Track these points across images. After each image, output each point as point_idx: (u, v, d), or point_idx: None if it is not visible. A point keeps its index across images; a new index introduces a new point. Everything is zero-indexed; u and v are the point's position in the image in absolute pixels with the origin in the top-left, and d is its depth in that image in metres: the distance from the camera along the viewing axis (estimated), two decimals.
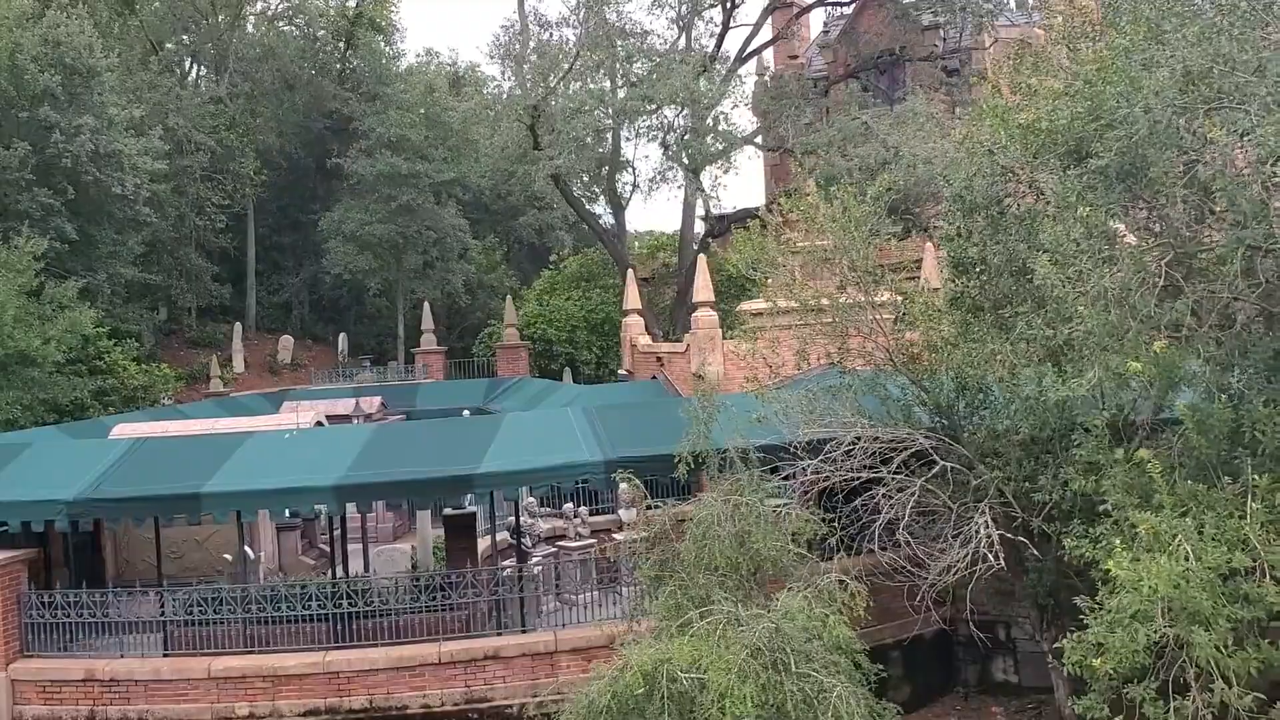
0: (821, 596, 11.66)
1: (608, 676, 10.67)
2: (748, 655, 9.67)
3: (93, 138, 32.81)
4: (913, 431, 16.27)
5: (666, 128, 35.46)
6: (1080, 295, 11.45)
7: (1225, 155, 10.44)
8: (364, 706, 17.70)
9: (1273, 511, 10.76)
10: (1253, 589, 10.09)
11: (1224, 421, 11.37)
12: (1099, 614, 10.65)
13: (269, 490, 17.69)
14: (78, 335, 29.25)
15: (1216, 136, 10.36)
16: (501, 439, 18.83)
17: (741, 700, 9.33)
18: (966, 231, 15.07)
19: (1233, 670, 9.91)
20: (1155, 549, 10.36)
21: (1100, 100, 12.21)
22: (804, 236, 18.28)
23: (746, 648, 9.77)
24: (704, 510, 13.34)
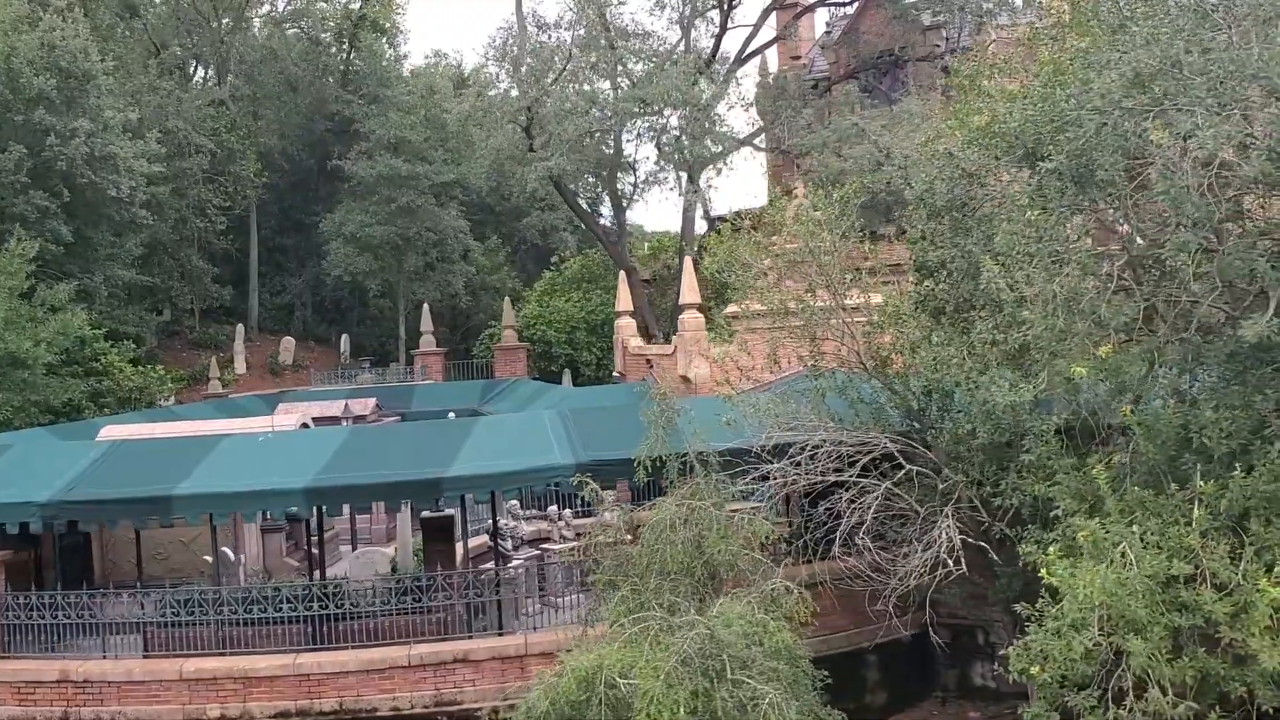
0: (765, 602, 11.59)
1: (546, 682, 10.66)
2: (677, 662, 9.64)
3: (87, 141, 33.03)
4: (879, 435, 16.20)
5: (661, 129, 35.43)
6: (1023, 299, 11.36)
7: (1168, 158, 10.33)
8: (334, 709, 17.73)
9: (1217, 518, 10.66)
10: (1191, 597, 9.98)
11: (1173, 427, 11.27)
12: (1042, 621, 10.58)
13: (240, 493, 17.73)
14: (70, 337, 29.42)
15: (1158, 139, 10.25)
16: (473, 442, 18.84)
17: (671, 707, 9.29)
18: (929, 234, 14.99)
19: (1169, 679, 9.81)
20: (1094, 556, 10.28)
21: (1052, 102, 12.12)
22: (775, 240, 18.25)
23: (676, 654, 9.73)
24: (659, 515, 13.30)
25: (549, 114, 32.57)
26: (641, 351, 31.19)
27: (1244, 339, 10.22)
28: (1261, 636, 9.52)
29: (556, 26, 39.68)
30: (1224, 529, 10.69)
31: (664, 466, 14.80)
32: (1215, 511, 10.65)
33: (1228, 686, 9.88)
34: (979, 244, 13.06)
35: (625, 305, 33.91)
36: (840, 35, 49.27)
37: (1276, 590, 9.56)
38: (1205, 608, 9.82)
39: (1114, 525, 10.64)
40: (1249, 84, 10.42)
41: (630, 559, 12.92)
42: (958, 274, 14.50)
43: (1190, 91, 10.54)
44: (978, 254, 12.87)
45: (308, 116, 53.87)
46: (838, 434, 15.92)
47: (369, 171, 46.97)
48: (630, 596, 12.63)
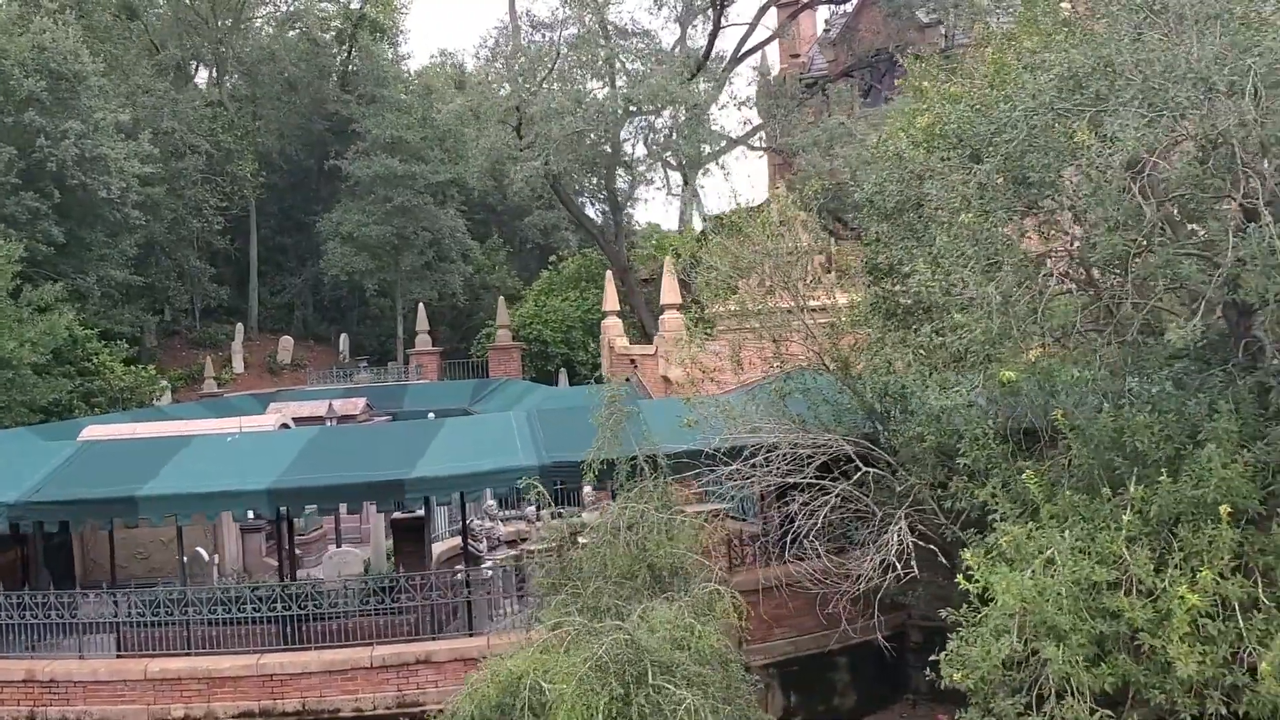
0: (699, 606, 11.55)
1: (472, 687, 10.66)
2: (592, 667, 9.61)
3: (77, 142, 33.21)
4: (836, 437, 16.15)
5: (650, 129, 35.40)
6: (952, 302, 11.29)
7: (1094, 160, 10.22)
8: (297, 710, 17.78)
9: (1148, 524, 10.57)
10: (1114, 603, 9.90)
11: (1106, 431, 11.18)
12: (965, 628, 10.52)
13: (203, 494, 17.81)
14: (57, 338, 29.59)
15: (1083, 140, 10.16)
16: (439, 444, 18.86)
17: (585, 712, 9.27)
18: (880, 236, 14.91)
19: (1089, 686, 9.72)
20: (1017, 562, 10.21)
21: (989, 103, 12.04)
22: (754, 241, 18.17)
23: (591, 660, 9.71)
24: (603, 518, 13.28)
25: (536, 113, 32.53)
26: (626, 352, 31.17)
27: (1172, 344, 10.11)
28: (1180, 644, 9.42)
29: (550, 26, 39.67)
30: (1155, 534, 10.60)
31: (612, 470, 14.76)
32: (1146, 517, 10.56)
33: (1148, 694, 9.79)
34: (921, 247, 12.98)
35: (612, 305, 33.88)
36: (839, 33, 49.10)
37: (1196, 597, 9.47)
38: (1127, 614, 9.73)
39: (1039, 531, 10.56)
40: (1180, 85, 10.31)
41: (571, 563, 12.89)
42: (905, 277, 14.41)
43: (1119, 93, 10.44)
44: (919, 257, 12.78)
45: (307, 116, 54.05)
46: (793, 435, 15.87)
47: (365, 171, 47.09)
48: (570, 600, 12.59)
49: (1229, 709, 9.60)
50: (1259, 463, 10.80)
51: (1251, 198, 10.23)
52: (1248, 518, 10.68)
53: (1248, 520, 10.70)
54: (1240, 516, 10.67)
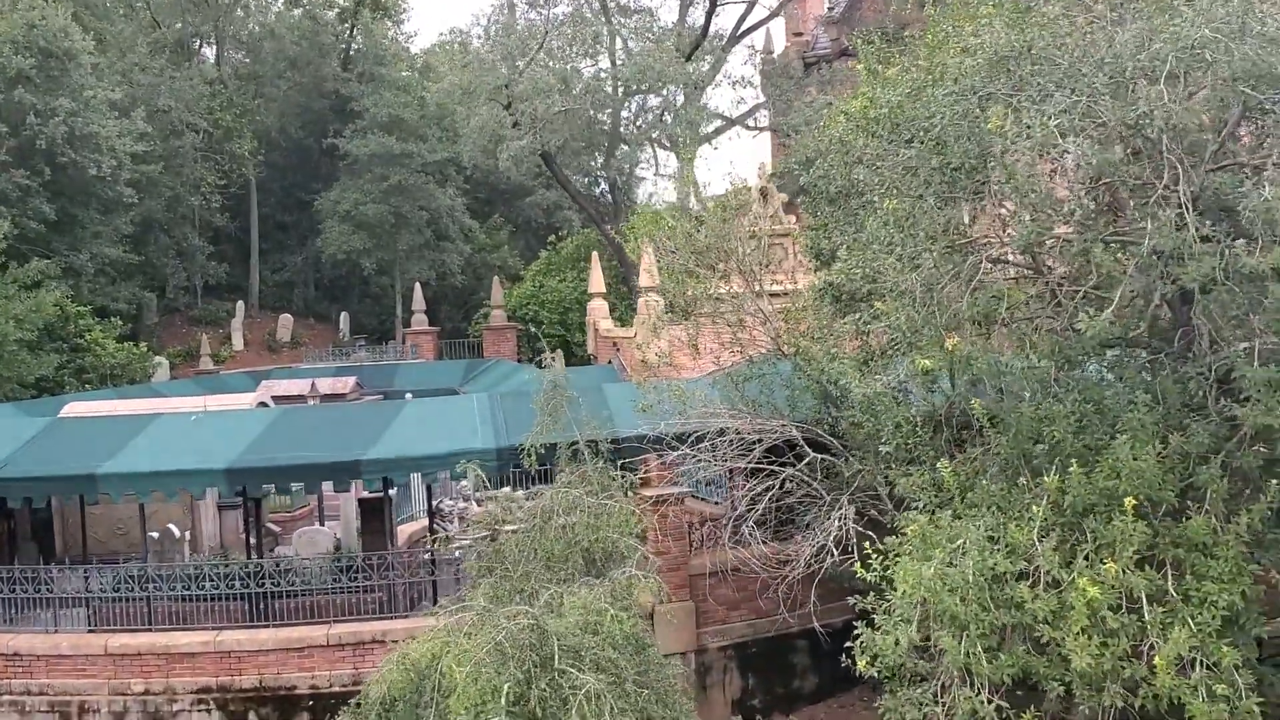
0: (619, 590, 11.56)
1: (383, 670, 10.73)
2: (490, 651, 9.65)
3: (67, 120, 33.36)
4: (784, 422, 16.11)
5: (641, 109, 35.27)
6: (876, 290, 11.21)
7: (1008, 146, 10.11)
8: (254, 686, 17.96)
9: (1060, 514, 10.50)
10: (1017, 594, 9.84)
11: (1026, 420, 11.09)
12: (873, 616, 10.50)
13: (162, 472, 17.95)
14: (43, 314, 29.83)
15: (994, 126, 10.04)
16: (398, 425, 18.94)
17: (482, 696, 9.31)
18: (825, 222, 14.82)
19: (987, 675, 9.70)
20: (923, 552, 10.17)
21: (920, 86, 11.91)
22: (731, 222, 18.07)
23: (489, 643, 9.74)
24: (537, 502, 13.31)
25: (523, 92, 32.46)
26: (609, 334, 31.15)
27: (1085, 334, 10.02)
28: (1079, 637, 9.37)
29: (544, 3, 39.54)
30: (1069, 525, 10.53)
31: (550, 454, 14.80)
32: (1059, 508, 10.49)
33: (1048, 686, 9.75)
34: (855, 234, 12.89)
35: (598, 287, 33.85)
36: (842, 11, 48.71)
37: (1096, 590, 9.40)
38: (1028, 606, 9.68)
39: (952, 520, 10.51)
40: (1098, 70, 10.18)
41: (502, 547, 12.93)
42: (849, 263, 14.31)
43: (1037, 78, 10.31)
44: (843, 244, 12.70)
45: (307, 95, 54.09)
46: (740, 421, 15.82)
47: (363, 150, 47.13)
48: (499, 584, 12.64)
49: (1127, 702, 9.55)
50: (1180, 454, 10.71)
51: (1172, 185, 10.10)
52: (1166, 510, 10.59)
53: (1166, 512, 10.62)
54: (1159, 508, 10.59)
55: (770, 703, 19.59)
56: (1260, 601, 10.25)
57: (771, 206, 22.93)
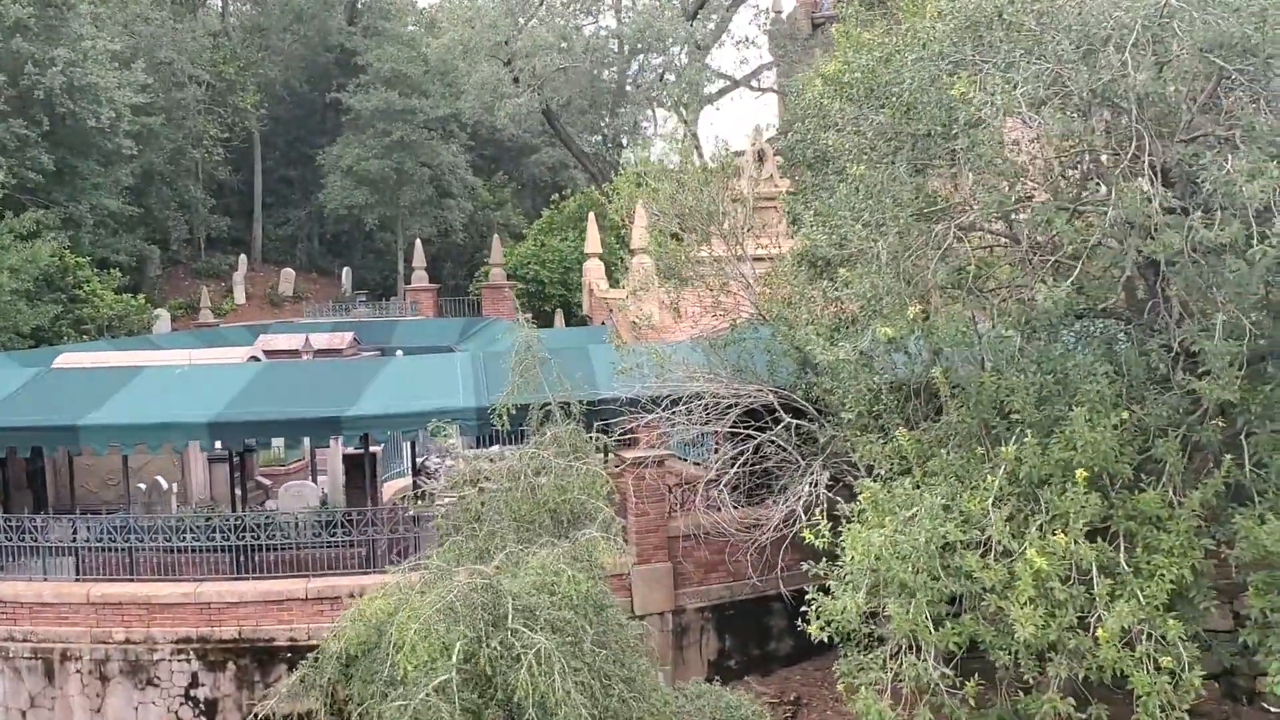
0: (579, 551, 11.62)
1: (338, 625, 10.84)
2: (439, 609, 9.73)
3: (65, 70, 33.23)
4: (761, 387, 16.10)
5: (641, 68, 34.97)
6: (841, 257, 11.15)
7: (972, 114, 9.99)
8: (233, 637, 18.15)
9: (1016, 484, 10.49)
10: (966, 563, 9.86)
11: (986, 390, 11.07)
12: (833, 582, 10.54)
13: (144, 425, 18.06)
14: (38, 265, 29.90)
15: (959, 93, 9.92)
16: (380, 382, 19.00)
17: (431, 653, 9.40)
18: (803, 187, 14.72)
19: (934, 643, 9.75)
20: (876, 519, 10.19)
21: (891, 51, 11.78)
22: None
23: (439, 602, 9.82)
24: (504, 463, 13.36)
25: (522, 49, 32.20)
26: (604, 296, 31.11)
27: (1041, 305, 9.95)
28: (1024, 607, 9.39)
29: None
30: (1024, 495, 10.53)
31: (520, 415, 14.84)
32: (1015, 478, 10.49)
33: (994, 655, 9.80)
34: (826, 200, 12.80)
35: (594, 248, 33.74)
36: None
37: (1043, 561, 9.41)
38: (976, 575, 9.70)
39: (901, 488, 10.52)
40: (1064, 36, 10.03)
41: (469, 507, 13.00)
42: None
43: (1004, 44, 10.18)
44: (818, 208, 12.62)
45: (313, 48, 53.77)
46: (715, 385, 15.82)
47: (365, 105, 46.91)
48: (465, 542, 12.72)
49: (1072, 673, 9.58)
50: (1139, 427, 10.68)
51: (1139, 155, 10.00)
52: (1124, 482, 10.58)
53: (1125, 485, 10.61)
54: (1117, 480, 10.58)
55: (746, 664, 19.73)
56: (1211, 576, 10.25)
57: (767, 169, 22.76)
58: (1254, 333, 10.19)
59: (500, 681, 9.96)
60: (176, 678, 18.11)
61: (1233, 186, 8.97)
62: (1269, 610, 9.48)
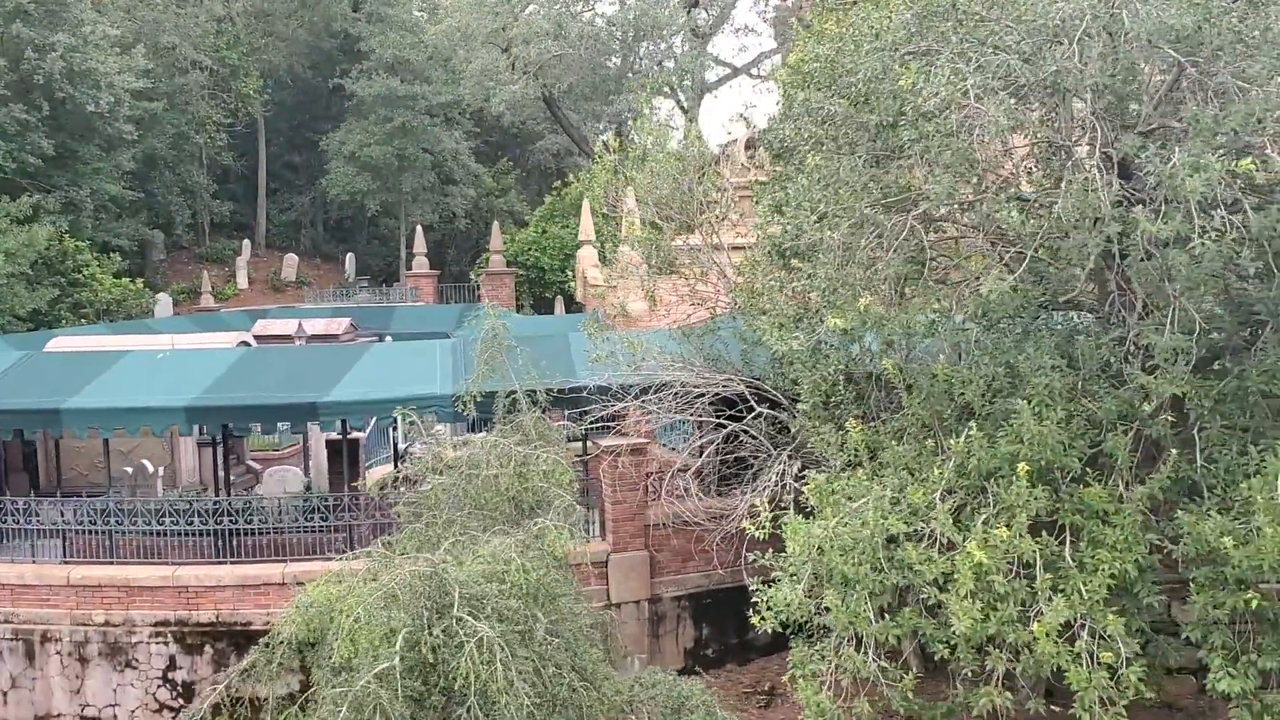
0: (530, 540, 11.64)
1: (287, 611, 10.90)
2: (380, 597, 9.77)
3: (64, 55, 33.35)
4: (731, 376, 16.08)
5: (636, 56, 34.86)
6: (796, 247, 11.11)
7: (920, 105, 9.92)
8: (211, 620, 18.28)
9: (965, 477, 10.46)
10: (909, 555, 9.84)
11: (939, 382, 11.02)
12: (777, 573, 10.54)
13: (124, 409, 18.16)
14: (34, 249, 30.08)
15: (907, 84, 9.85)
16: (360, 368, 19.04)
17: (369, 641, 9.44)
18: (775, 177, 14.67)
19: (874, 635, 9.73)
20: (819, 512, 10.18)
21: (851, 41, 11.71)
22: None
23: (381, 590, 9.86)
24: (465, 450, 13.39)
25: (518, 36, 32.15)
26: (595, 283, 31.07)
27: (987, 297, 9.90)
28: (963, 600, 9.36)
29: None
30: (973, 488, 10.50)
31: (482, 402, 14.87)
32: (963, 469, 10.45)
33: (933, 647, 9.78)
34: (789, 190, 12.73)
35: (587, 235, 33.70)
36: None
37: (982, 554, 9.38)
38: (916, 567, 9.68)
39: (849, 480, 10.50)
40: (1015, 28, 9.96)
41: (427, 494, 13.05)
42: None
43: (954, 34, 10.10)
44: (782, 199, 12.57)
45: (317, 34, 53.82)
46: (685, 374, 15.80)
47: (368, 91, 46.95)
48: (423, 530, 12.77)
49: (1009, 668, 9.56)
50: (1091, 420, 10.63)
51: (1093, 146, 9.92)
52: (1074, 476, 10.53)
53: (1074, 478, 10.56)
54: (1068, 474, 10.54)
55: (723, 653, 19.74)
56: (1159, 570, 10.20)
57: (760, 158, 22.65)
58: (1207, 327, 10.13)
59: (443, 669, 10.00)
60: (155, 660, 18.23)
61: (1175, 180, 8.89)
62: (1211, 606, 9.42)
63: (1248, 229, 8.97)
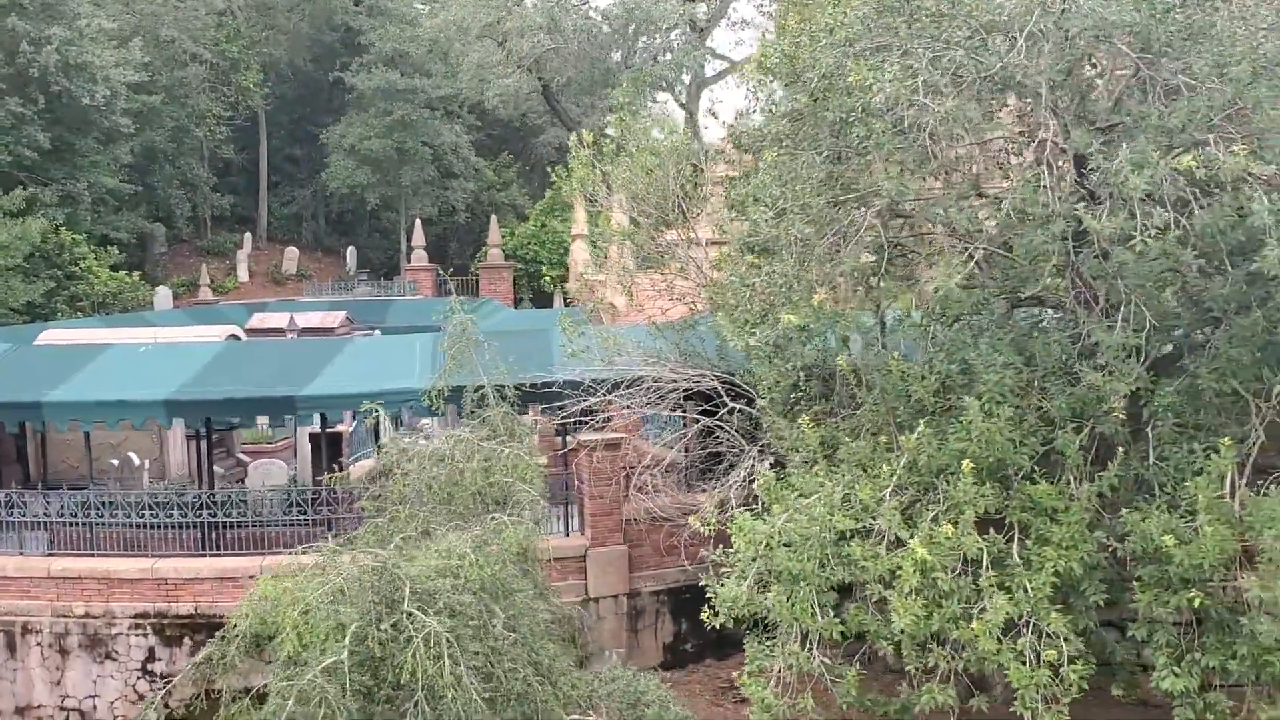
0: (487, 536, 11.67)
1: (240, 606, 10.97)
2: (326, 592, 9.81)
3: (60, 49, 33.45)
4: (704, 372, 16.08)
5: (631, 49, 34.83)
6: (753, 244, 11.11)
7: (868, 102, 9.89)
8: (190, 612, 18.37)
9: (917, 473, 10.45)
10: (854, 552, 9.84)
11: (893, 379, 11.01)
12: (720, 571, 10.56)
13: (104, 402, 18.26)
14: (28, 242, 30.22)
15: (855, 80, 9.82)
16: (339, 363, 19.11)
17: (313, 636, 9.49)
18: (745, 171, 14.65)
19: (818, 631, 9.74)
20: (769, 509, 10.18)
21: (808, 36, 11.68)
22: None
23: (327, 586, 9.91)
24: (427, 445, 13.43)
25: (511, 29, 32.15)
26: (580, 278, 31.14)
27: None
28: (905, 597, 9.36)
29: None
30: (925, 485, 10.49)
31: (449, 398, 14.90)
32: (914, 465, 10.44)
33: (876, 643, 9.78)
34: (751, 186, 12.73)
35: (580, 229, 33.70)
36: None
37: (924, 551, 9.37)
38: (860, 565, 9.68)
39: (806, 477, 10.50)
40: (960, 23, 9.92)
41: (390, 489, 13.09)
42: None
43: (901, 30, 10.07)
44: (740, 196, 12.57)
45: (318, 27, 53.85)
46: (659, 369, 15.81)
47: (367, 84, 46.99)
48: (385, 525, 12.81)
49: (950, 664, 9.55)
50: (1044, 418, 10.61)
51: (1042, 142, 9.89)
52: (1025, 473, 10.52)
53: (1026, 475, 10.54)
54: (1020, 471, 10.52)
55: (702, 648, 19.74)
56: (1106, 568, 10.17)
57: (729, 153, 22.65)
58: (1161, 325, 10.10)
59: (392, 664, 10.04)
60: (134, 652, 18.33)
61: (1118, 177, 8.85)
62: (1155, 605, 9.39)
63: (1192, 226, 8.93)
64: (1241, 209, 8.79)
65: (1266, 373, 9.82)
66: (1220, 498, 9.52)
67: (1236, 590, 9.15)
